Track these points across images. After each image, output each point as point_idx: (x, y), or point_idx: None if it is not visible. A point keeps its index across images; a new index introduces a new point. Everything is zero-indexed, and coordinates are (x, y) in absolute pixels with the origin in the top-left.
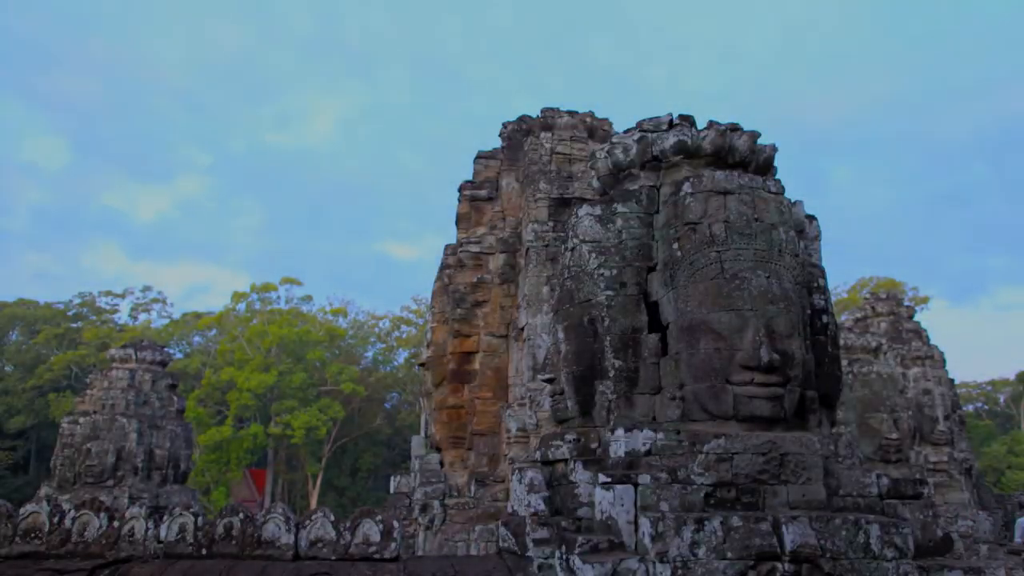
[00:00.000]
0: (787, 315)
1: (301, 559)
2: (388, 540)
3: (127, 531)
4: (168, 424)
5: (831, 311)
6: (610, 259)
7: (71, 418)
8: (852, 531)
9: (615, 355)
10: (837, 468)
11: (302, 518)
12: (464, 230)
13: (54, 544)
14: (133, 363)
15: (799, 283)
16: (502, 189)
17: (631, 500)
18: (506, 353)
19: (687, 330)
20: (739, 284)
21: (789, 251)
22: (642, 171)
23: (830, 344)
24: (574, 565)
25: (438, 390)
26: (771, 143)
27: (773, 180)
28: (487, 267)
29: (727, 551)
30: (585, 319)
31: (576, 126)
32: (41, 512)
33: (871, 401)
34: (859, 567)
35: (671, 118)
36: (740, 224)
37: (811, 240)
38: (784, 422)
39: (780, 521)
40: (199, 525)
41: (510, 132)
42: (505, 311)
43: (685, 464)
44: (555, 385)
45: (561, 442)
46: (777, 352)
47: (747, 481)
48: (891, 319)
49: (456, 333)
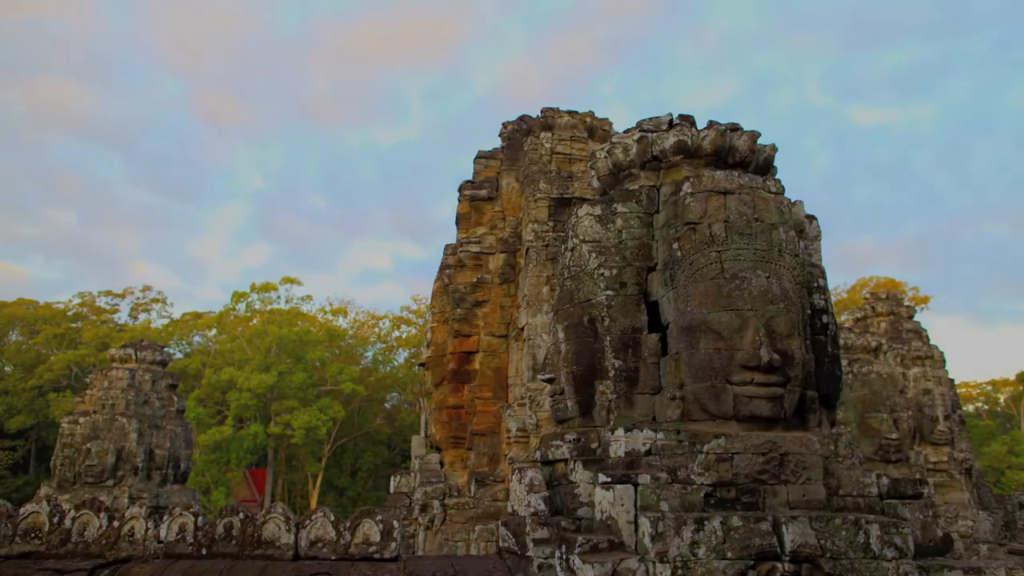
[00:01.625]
0: (787, 315)
1: (301, 559)
2: (388, 540)
3: (127, 531)
4: (168, 424)
5: (831, 311)
6: (610, 259)
7: (71, 418)
8: (852, 531)
9: (615, 355)
10: (837, 468)
11: (302, 518)
12: (464, 230)
13: (54, 544)
14: (133, 363)
15: (799, 283)
16: (502, 189)
17: (631, 500)
18: (506, 353)
19: (687, 330)
20: (739, 284)
21: (789, 251)
22: (642, 171)
23: (830, 344)
24: (574, 565)
25: (438, 390)
26: (771, 143)
27: (773, 180)
28: (487, 267)
29: (727, 551)
30: (585, 319)
31: (576, 126)
32: (41, 512)
33: (871, 401)
34: (859, 567)
35: (671, 118)
36: (740, 224)
37: (811, 240)
38: (784, 422)
39: (780, 521)
40: (199, 525)
41: (510, 132)
42: (505, 311)
43: (685, 464)
44: (555, 385)
45: (561, 442)
46: (777, 352)
47: (747, 481)
48: (891, 319)
49: (456, 333)
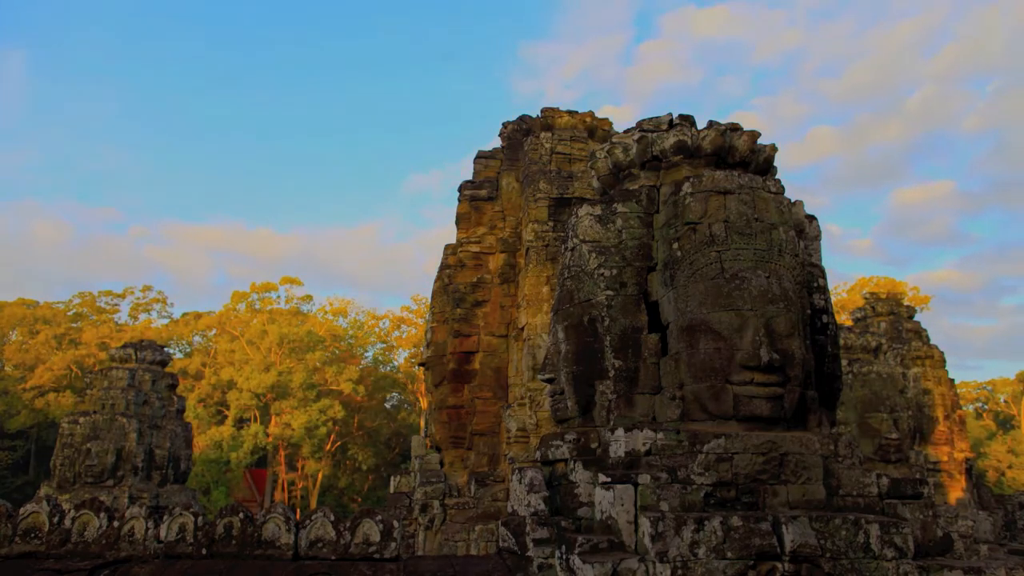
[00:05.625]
0: (787, 315)
1: (301, 559)
2: (388, 540)
3: (127, 531)
4: (168, 424)
5: (831, 311)
6: (610, 259)
7: (71, 418)
8: (852, 531)
9: (615, 355)
10: (837, 468)
11: (302, 518)
12: (464, 230)
13: (54, 544)
14: (133, 363)
15: (799, 283)
16: (502, 189)
17: (631, 500)
18: (506, 353)
19: (687, 330)
20: (739, 284)
21: (789, 251)
22: (642, 171)
23: (830, 344)
24: (574, 565)
25: (438, 390)
26: (771, 143)
27: (773, 180)
28: (487, 267)
29: (727, 551)
30: (585, 319)
31: (576, 126)
32: (41, 512)
33: (871, 401)
34: (859, 567)
35: (671, 118)
36: (740, 224)
37: (811, 240)
38: (784, 422)
39: (780, 521)
40: (199, 525)
41: (510, 132)
42: (505, 311)
43: (685, 464)
44: (555, 385)
45: (561, 442)
46: (777, 352)
47: (747, 481)
48: (891, 319)
49: (456, 333)
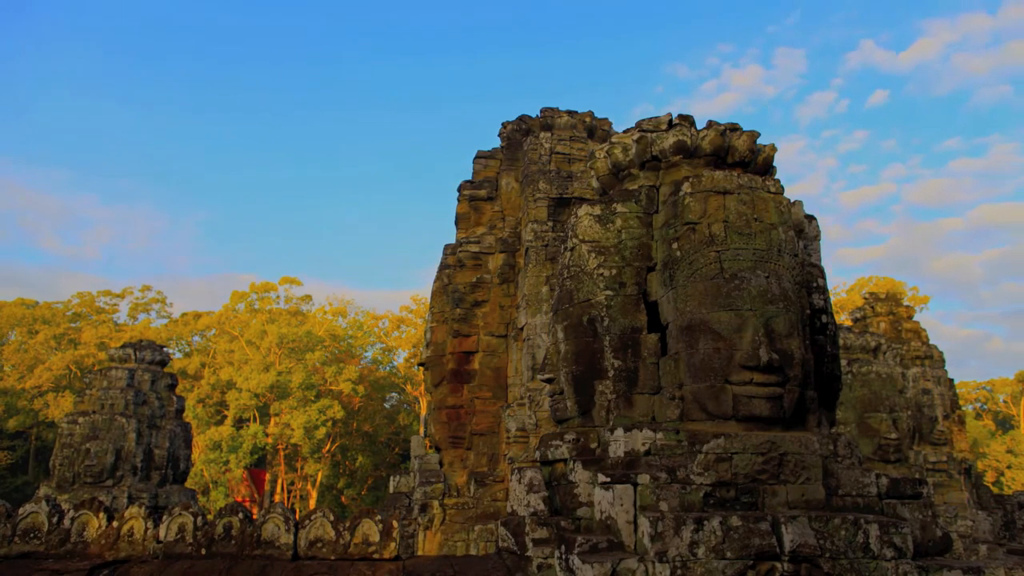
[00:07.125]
0: (786, 315)
1: (300, 559)
2: (387, 540)
3: (126, 531)
4: (167, 424)
5: (830, 311)
6: (610, 259)
7: (70, 418)
8: (851, 531)
9: (614, 355)
10: (836, 468)
11: (301, 518)
12: (463, 230)
13: (53, 544)
14: (132, 363)
15: (798, 283)
16: (501, 189)
17: (630, 500)
18: (505, 353)
19: (686, 330)
20: (738, 284)
21: (788, 251)
22: (641, 171)
23: (829, 344)
24: (573, 565)
25: (437, 390)
26: (771, 143)
27: (773, 180)
28: (487, 267)
29: (726, 551)
30: (585, 319)
31: (575, 126)
32: (40, 512)
33: (871, 401)
34: (858, 567)
35: (671, 118)
36: (739, 224)
37: (811, 240)
38: (783, 422)
39: (779, 521)
40: (198, 525)
41: (509, 132)
42: (504, 311)
43: (684, 464)
44: (555, 385)
45: (560, 442)
46: (776, 352)
47: (746, 481)
48: (891, 319)
49: (456, 333)
